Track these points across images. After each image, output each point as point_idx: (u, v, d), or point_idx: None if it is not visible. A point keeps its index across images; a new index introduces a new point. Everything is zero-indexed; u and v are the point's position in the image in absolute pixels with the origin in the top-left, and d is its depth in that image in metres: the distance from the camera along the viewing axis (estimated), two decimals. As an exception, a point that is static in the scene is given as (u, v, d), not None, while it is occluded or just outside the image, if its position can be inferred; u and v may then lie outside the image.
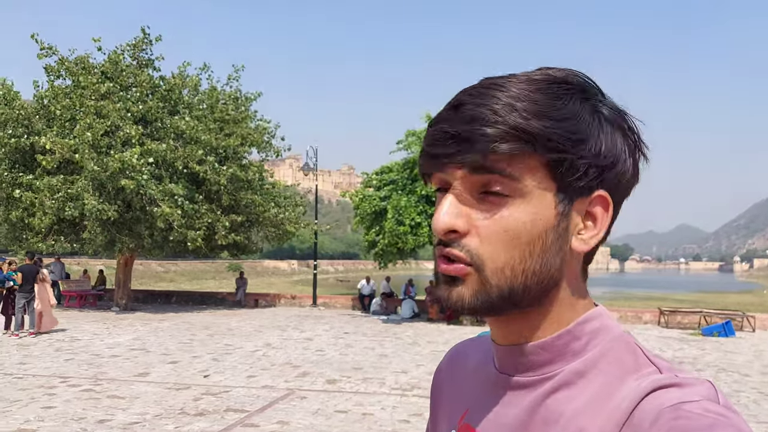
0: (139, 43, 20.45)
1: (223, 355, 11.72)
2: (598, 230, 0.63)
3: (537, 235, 0.60)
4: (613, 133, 0.63)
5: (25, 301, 13.92)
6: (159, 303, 23.79)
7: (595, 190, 0.62)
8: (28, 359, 10.88)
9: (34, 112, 19.15)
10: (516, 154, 0.57)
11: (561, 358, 0.64)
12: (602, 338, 0.64)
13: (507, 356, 0.67)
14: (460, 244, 0.60)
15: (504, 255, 0.59)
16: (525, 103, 0.58)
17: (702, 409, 0.53)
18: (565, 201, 0.61)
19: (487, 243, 0.59)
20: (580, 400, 0.61)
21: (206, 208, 19.22)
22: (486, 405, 0.70)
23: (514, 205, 0.59)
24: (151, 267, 53.33)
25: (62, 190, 17.56)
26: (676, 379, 0.58)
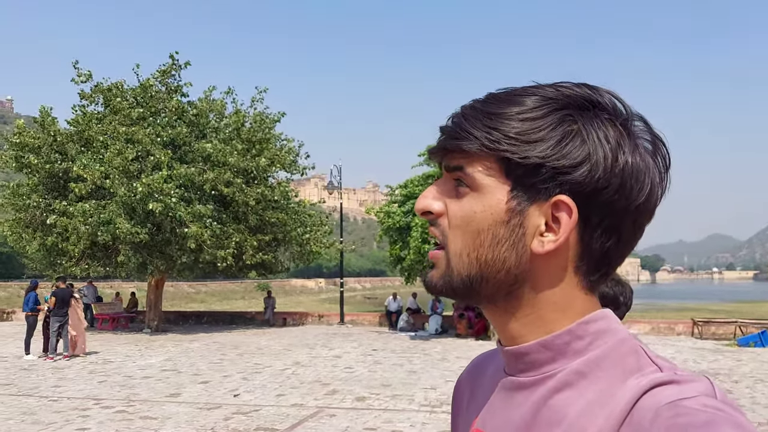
0: (168, 70, 20.96)
1: (252, 374, 11.80)
2: (558, 236, 0.63)
3: (486, 226, 0.64)
4: (588, 143, 0.63)
5: (59, 324, 14.21)
6: (190, 324, 24.05)
7: (555, 195, 0.63)
8: (63, 382, 11.08)
9: (68, 138, 19.69)
10: (475, 154, 0.64)
11: (562, 357, 0.65)
12: (605, 339, 0.64)
13: (510, 358, 0.69)
14: (436, 224, 0.67)
15: (461, 241, 0.65)
16: (487, 108, 0.65)
17: (700, 404, 0.54)
18: (519, 198, 0.64)
19: (452, 227, 0.66)
20: (583, 401, 0.61)
21: (234, 228, 19.47)
22: (494, 407, 0.71)
23: (471, 196, 0.65)
24: (182, 288, 53.98)
25: (95, 215, 17.96)
26: (674, 376, 0.59)
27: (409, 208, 19.52)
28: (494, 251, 0.64)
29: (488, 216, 0.64)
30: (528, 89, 0.66)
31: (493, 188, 0.64)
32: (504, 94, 0.66)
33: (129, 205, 17.85)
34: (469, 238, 0.65)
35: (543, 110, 0.64)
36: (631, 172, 0.64)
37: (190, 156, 19.59)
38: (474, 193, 0.65)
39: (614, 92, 0.67)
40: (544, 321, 0.66)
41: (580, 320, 0.65)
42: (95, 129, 19.18)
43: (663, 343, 16.99)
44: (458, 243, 0.65)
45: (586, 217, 0.63)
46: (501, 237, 0.64)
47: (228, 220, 19.52)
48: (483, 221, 0.64)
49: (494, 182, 0.64)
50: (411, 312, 21.84)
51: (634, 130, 0.66)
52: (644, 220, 0.67)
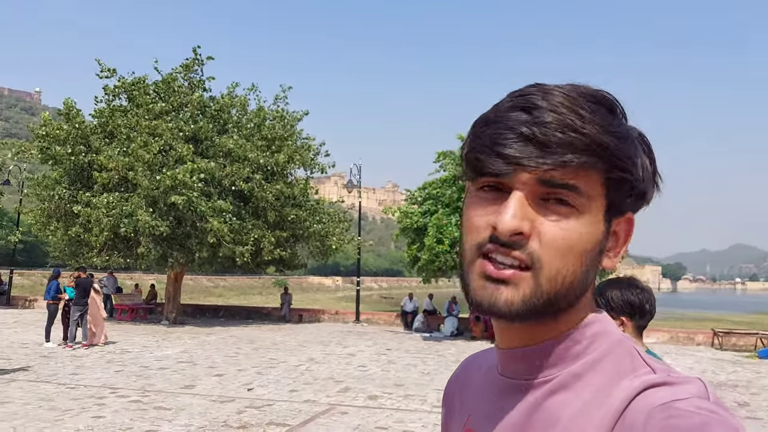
0: (191, 64, 21.16)
1: (267, 369, 11.87)
2: (621, 250, 0.65)
3: (589, 249, 0.61)
4: (645, 158, 0.64)
5: (79, 313, 14.42)
6: (207, 317, 24.27)
7: (627, 212, 0.65)
8: (81, 370, 11.25)
9: (92, 131, 19.98)
10: (586, 169, 0.59)
11: (562, 362, 0.65)
12: (601, 342, 0.65)
13: (509, 360, 0.69)
14: (522, 247, 0.60)
15: (559, 263, 0.60)
16: (593, 116, 0.60)
17: (693, 406, 0.54)
18: (609, 220, 0.63)
19: (547, 249, 0.60)
20: (577, 403, 0.61)
21: (253, 224, 19.61)
22: (488, 409, 0.71)
23: (575, 217, 0.60)
24: (201, 282, 54.47)
25: (117, 207, 18.20)
26: (667, 378, 0.58)
27: (427, 208, 19.50)
28: (586, 272, 0.63)
29: (591, 239, 0.62)
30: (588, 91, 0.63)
31: (597, 210, 0.62)
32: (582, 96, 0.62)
33: (152, 197, 18.06)
34: (570, 260, 0.61)
35: (618, 120, 0.63)
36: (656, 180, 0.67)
37: (211, 151, 19.78)
38: (578, 212, 0.60)
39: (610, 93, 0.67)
40: (560, 324, 0.65)
41: (579, 324, 0.66)
42: (119, 122, 19.43)
43: (682, 353, 16.76)
44: (555, 266, 0.60)
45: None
46: (593, 257, 0.63)
47: (247, 216, 19.68)
48: (587, 244, 0.61)
49: (598, 204, 0.62)
50: (427, 313, 21.81)
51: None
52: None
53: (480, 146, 0.62)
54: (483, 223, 0.62)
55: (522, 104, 0.61)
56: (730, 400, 10.18)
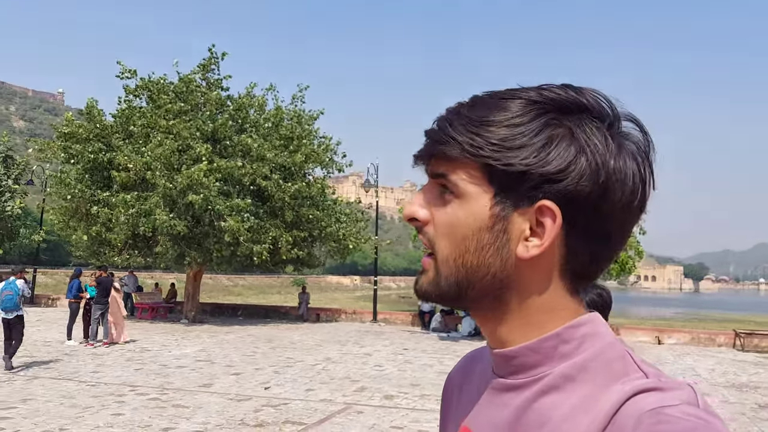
0: (207, 63, 21.34)
1: (284, 368, 11.94)
2: (543, 240, 0.63)
3: (471, 232, 0.64)
4: (572, 148, 0.62)
5: (100, 312, 14.62)
6: (226, 316, 24.47)
7: (539, 200, 0.63)
8: (101, 368, 11.41)
9: (113, 130, 20.26)
10: (458, 159, 0.64)
11: (549, 360, 0.65)
12: (592, 343, 0.65)
13: (499, 360, 0.69)
14: (423, 231, 0.68)
15: (448, 247, 0.65)
16: (471, 114, 0.65)
17: (682, 412, 0.54)
18: (503, 204, 0.63)
19: (439, 234, 0.66)
20: (567, 405, 0.61)
21: (270, 223, 19.72)
22: (482, 407, 0.72)
23: (456, 203, 0.65)
24: (220, 281, 54.95)
25: (136, 206, 18.42)
26: (657, 383, 0.58)
27: None
28: (479, 257, 0.64)
29: (472, 222, 0.64)
30: (513, 92, 0.66)
31: (476, 195, 0.64)
32: (489, 98, 0.66)
33: (169, 197, 18.25)
34: (455, 244, 0.65)
35: (527, 116, 0.64)
36: (615, 175, 0.63)
37: (229, 150, 19.93)
38: (458, 199, 0.65)
39: (600, 93, 0.67)
40: (531, 325, 0.66)
41: (567, 324, 0.65)
42: (139, 122, 19.67)
43: (703, 354, 16.54)
44: (445, 249, 0.66)
45: (571, 221, 0.63)
46: (485, 242, 0.64)
47: (265, 215, 19.79)
48: (467, 227, 0.64)
49: (478, 189, 0.64)
50: (444, 313, 21.78)
51: (623, 131, 0.66)
52: (631, 222, 0.66)
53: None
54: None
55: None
56: (751, 402, 10.03)
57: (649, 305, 55.73)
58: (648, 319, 34.04)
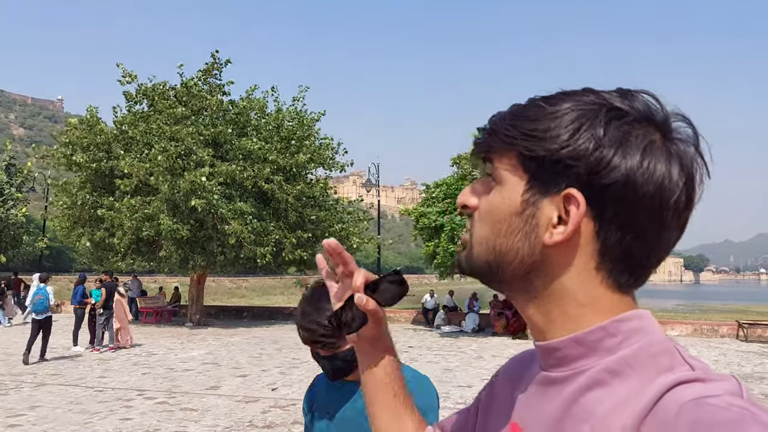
0: (210, 68, 21.37)
1: (290, 369, 11.98)
2: (567, 227, 0.65)
3: (504, 216, 0.69)
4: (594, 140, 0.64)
5: (105, 317, 14.66)
6: (230, 318, 24.51)
7: (565, 188, 0.65)
8: (108, 373, 11.45)
9: (113, 137, 20.27)
10: (502, 150, 0.70)
11: (593, 353, 0.65)
12: (639, 338, 0.65)
13: (543, 352, 0.71)
14: (471, 216, 0.74)
15: (484, 229, 0.71)
16: (515, 110, 0.71)
17: (726, 402, 0.54)
18: (534, 191, 0.67)
19: (479, 218, 0.72)
20: (612, 399, 0.62)
21: (274, 226, 19.74)
22: (530, 403, 0.73)
23: (495, 189, 0.71)
24: (224, 283, 54.94)
25: (139, 212, 18.44)
26: (701, 374, 0.59)
27: (444, 207, 19.46)
28: (509, 240, 0.69)
29: (506, 207, 0.69)
30: (562, 94, 0.70)
31: (512, 182, 0.69)
32: (539, 98, 0.71)
33: (172, 201, 18.28)
34: (489, 227, 0.70)
35: (561, 111, 0.67)
36: (641, 170, 0.64)
37: (231, 154, 19.96)
38: (498, 186, 0.70)
39: (651, 92, 0.68)
40: (569, 316, 0.67)
41: (614, 318, 0.66)
42: (140, 128, 19.69)
43: (706, 345, 16.56)
44: (480, 231, 0.71)
45: (599, 212, 0.65)
46: (515, 227, 0.68)
47: (268, 217, 19.81)
48: (501, 212, 0.69)
49: (514, 176, 0.69)
50: (448, 310, 21.81)
51: (670, 132, 0.66)
52: (669, 220, 0.65)
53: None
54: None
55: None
56: (756, 393, 10.04)
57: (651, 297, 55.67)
58: (650, 311, 33.95)
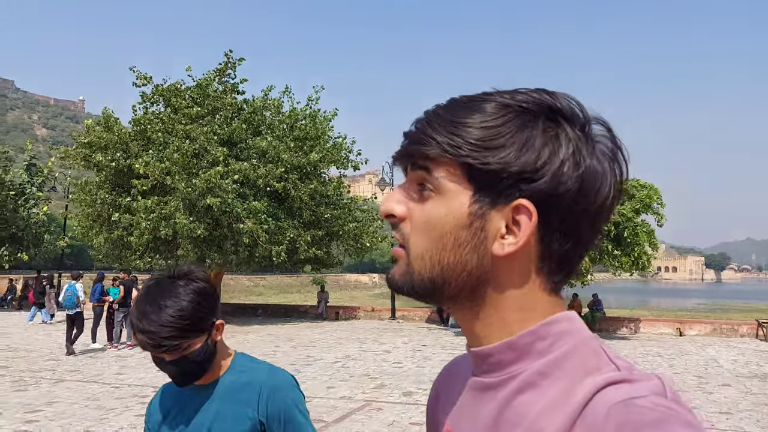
0: (223, 68, 21.55)
1: (304, 366, 12.06)
2: (518, 238, 0.65)
3: (449, 229, 0.65)
4: (547, 149, 0.64)
5: (123, 315, 14.87)
6: (246, 316, 24.70)
7: (516, 199, 0.65)
8: (125, 370, 11.62)
9: (130, 137, 20.55)
10: (438, 159, 0.65)
11: (526, 357, 0.66)
12: (567, 340, 0.65)
13: (476, 358, 0.70)
14: (398, 228, 0.69)
15: (423, 243, 0.66)
16: (449, 115, 0.66)
17: (651, 403, 0.55)
18: (481, 203, 0.65)
19: (414, 230, 0.67)
20: (543, 402, 0.62)
21: (288, 224, 19.87)
22: (463, 409, 0.73)
23: (434, 200, 0.66)
24: (241, 282, 55.35)
25: (156, 211, 18.68)
26: (627, 375, 0.60)
27: None
28: (456, 254, 0.65)
29: (451, 220, 0.65)
30: (488, 95, 0.68)
31: (456, 193, 0.65)
32: (466, 100, 0.68)
33: (189, 200, 18.48)
34: (431, 241, 0.66)
35: (503, 117, 0.65)
36: (589, 176, 0.65)
37: (245, 153, 20.12)
38: (437, 197, 0.66)
39: (572, 96, 0.69)
40: (507, 322, 0.67)
41: (543, 321, 0.66)
42: (156, 128, 19.93)
43: (725, 345, 16.37)
44: (420, 245, 0.66)
45: (545, 220, 0.65)
46: (463, 240, 0.65)
47: (283, 216, 19.95)
48: (446, 225, 0.65)
49: (457, 187, 0.65)
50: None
51: (593, 134, 0.67)
52: (602, 222, 0.67)
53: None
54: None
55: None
56: (774, 393, 9.93)
57: (670, 296, 55.03)
58: (669, 310, 33.65)
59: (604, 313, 21.30)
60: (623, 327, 20.61)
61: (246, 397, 1.62)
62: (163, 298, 1.45)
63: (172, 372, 1.52)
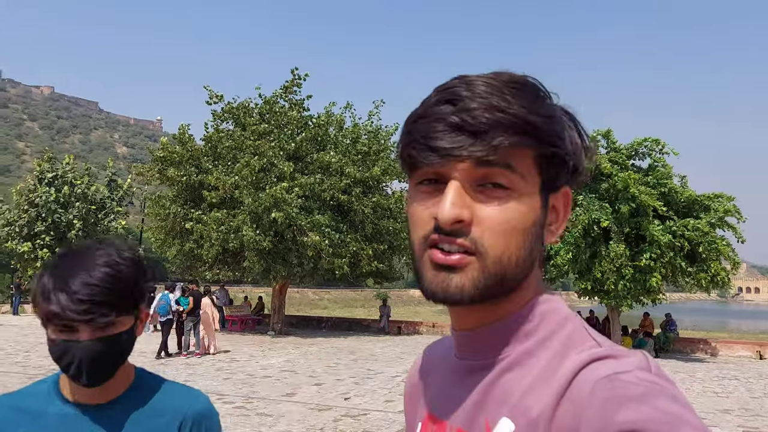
0: (290, 85, 22.18)
1: (364, 379, 12.11)
2: (560, 223, 0.67)
3: (529, 227, 0.63)
4: (573, 132, 0.66)
5: (192, 324, 15.39)
6: (310, 328, 25.04)
7: (563, 186, 0.67)
8: (193, 377, 11.99)
9: (203, 153, 21.40)
10: (518, 148, 0.61)
11: (514, 340, 0.66)
12: (550, 319, 0.67)
13: (465, 342, 0.70)
14: (465, 234, 0.61)
15: (503, 244, 0.62)
16: (517, 98, 0.61)
17: (635, 377, 0.56)
18: (545, 196, 0.65)
19: (490, 233, 0.61)
20: (528, 379, 0.63)
21: (351, 237, 20.10)
22: (446, 392, 0.73)
23: (513, 198, 0.62)
24: (307, 295, 56.18)
25: (225, 224, 19.31)
26: (611, 351, 0.60)
27: None
28: (530, 249, 0.64)
29: (531, 216, 0.63)
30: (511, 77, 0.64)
31: (531, 186, 0.63)
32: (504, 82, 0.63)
33: (255, 214, 19.01)
34: (512, 240, 0.62)
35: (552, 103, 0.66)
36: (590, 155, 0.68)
37: (310, 167, 20.55)
38: (515, 192, 0.62)
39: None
40: (511, 302, 0.67)
41: (528, 303, 0.68)
42: (226, 144, 20.67)
43: None
44: (499, 247, 0.62)
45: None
46: (536, 234, 0.65)
47: (345, 229, 20.19)
48: (527, 222, 0.63)
49: (533, 181, 0.63)
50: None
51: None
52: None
53: (412, 142, 0.63)
54: (426, 215, 0.64)
55: (447, 96, 0.62)
56: None
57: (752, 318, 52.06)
58: (750, 333, 31.85)
59: (677, 334, 20.40)
60: (698, 349, 19.67)
61: (161, 428, 1.23)
62: (95, 259, 1.12)
63: (87, 357, 1.10)
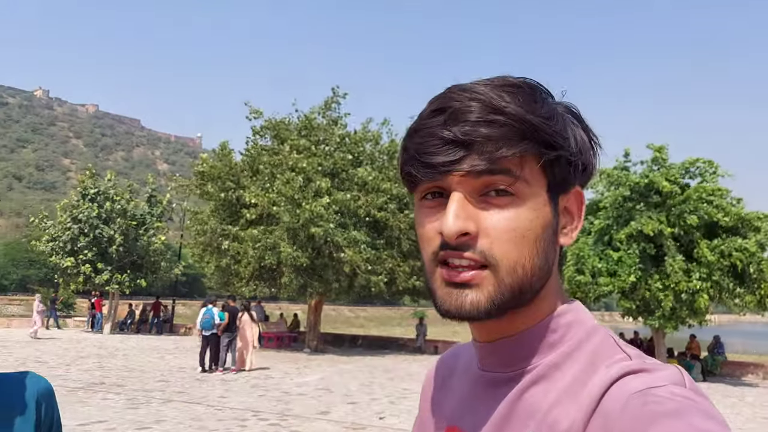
0: (329, 102, 22.38)
1: (399, 399, 11.91)
2: (576, 224, 0.66)
3: (540, 232, 0.61)
4: (579, 130, 0.65)
5: (228, 340, 15.44)
6: (346, 346, 24.95)
7: (573, 186, 0.65)
8: (228, 393, 11.98)
9: (241, 169, 21.68)
10: (521, 156, 0.59)
11: (539, 351, 0.64)
12: (576, 330, 0.64)
13: (488, 354, 0.68)
14: (472, 247, 0.59)
15: (515, 253, 0.59)
16: (515, 100, 0.59)
17: (669, 393, 0.53)
18: (554, 198, 0.63)
19: (498, 243, 0.59)
20: (555, 393, 0.61)
21: (387, 254, 20.01)
22: (470, 404, 0.70)
23: (519, 204, 0.60)
24: (343, 312, 56.30)
25: (262, 240, 19.43)
26: (643, 365, 0.58)
27: None
28: (544, 256, 0.62)
29: (540, 221, 0.61)
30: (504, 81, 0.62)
31: (537, 191, 0.61)
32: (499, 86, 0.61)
33: (292, 230, 19.09)
34: (525, 248, 0.60)
35: (549, 102, 0.63)
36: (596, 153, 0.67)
37: (347, 183, 20.59)
38: (518, 199, 0.60)
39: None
40: (540, 313, 0.65)
41: (553, 313, 0.65)
42: (265, 160, 20.89)
43: None
44: (512, 257, 0.60)
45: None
46: (548, 239, 0.63)
47: (381, 246, 20.12)
48: (536, 228, 0.61)
49: (539, 185, 0.62)
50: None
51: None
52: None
53: (409, 159, 0.62)
54: (432, 231, 0.62)
55: (440, 106, 0.60)
56: None
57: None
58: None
59: (725, 358, 19.65)
60: (749, 373, 18.93)
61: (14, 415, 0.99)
62: None
63: None
